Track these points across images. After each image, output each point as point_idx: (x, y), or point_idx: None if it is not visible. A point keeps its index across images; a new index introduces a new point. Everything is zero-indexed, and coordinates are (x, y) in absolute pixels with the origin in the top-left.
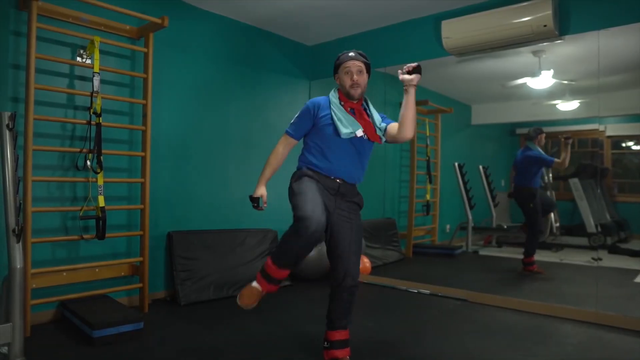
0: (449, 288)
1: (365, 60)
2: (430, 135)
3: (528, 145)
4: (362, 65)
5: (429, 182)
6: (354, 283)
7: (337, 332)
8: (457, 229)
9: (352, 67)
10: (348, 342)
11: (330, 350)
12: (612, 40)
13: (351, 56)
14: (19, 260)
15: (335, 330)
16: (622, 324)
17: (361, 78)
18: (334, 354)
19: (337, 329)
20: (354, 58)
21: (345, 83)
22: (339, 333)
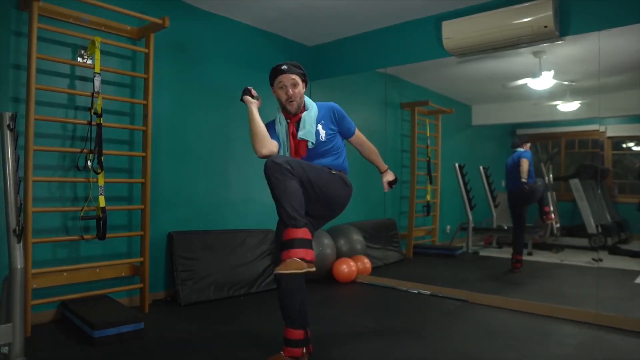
0: (450, 289)
1: (299, 71)
2: (430, 135)
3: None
4: (295, 78)
5: (430, 183)
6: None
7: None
8: (458, 230)
9: (285, 81)
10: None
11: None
12: (612, 40)
13: (283, 69)
14: (19, 261)
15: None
16: (623, 324)
17: (296, 91)
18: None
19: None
20: (286, 71)
21: (280, 97)
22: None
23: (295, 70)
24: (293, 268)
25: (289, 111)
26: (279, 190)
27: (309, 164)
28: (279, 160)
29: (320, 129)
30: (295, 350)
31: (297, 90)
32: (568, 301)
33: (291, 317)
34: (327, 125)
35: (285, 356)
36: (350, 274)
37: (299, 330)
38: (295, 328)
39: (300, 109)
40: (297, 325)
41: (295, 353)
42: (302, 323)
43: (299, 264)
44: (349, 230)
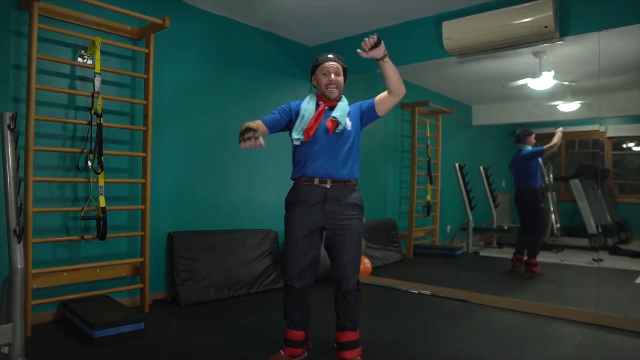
0: (450, 289)
1: (343, 64)
2: (430, 136)
3: (519, 147)
4: (339, 67)
5: (430, 183)
6: (350, 288)
7: (344, 334)
8: (458, 230)
9: (330, 68)
10: (358, 342)
11: (340, 352)
12: (613, 41)
13: (330, 57)
14: (19, 261)
15: (343, 331)
16: (623, 325)
17: (339, 79)
18: (342, 355)
19: (345, 330)
20: (332, 59)
21: (321, 82)
22: (346, 335)
23: (340, 62)
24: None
25: (327, 97)
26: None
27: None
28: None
29: (347, 120)
30: (296, 350)
31: (340, 79)
32: (568, 301)
33: (295, 320)
34: (354, 119)
35: (285, 355)
36: None
37: (301, 332)
38: (297, 329)
39: (338, 98)
40: (300, 327)
41: (295, 353)
42: (304, 325)
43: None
44: None
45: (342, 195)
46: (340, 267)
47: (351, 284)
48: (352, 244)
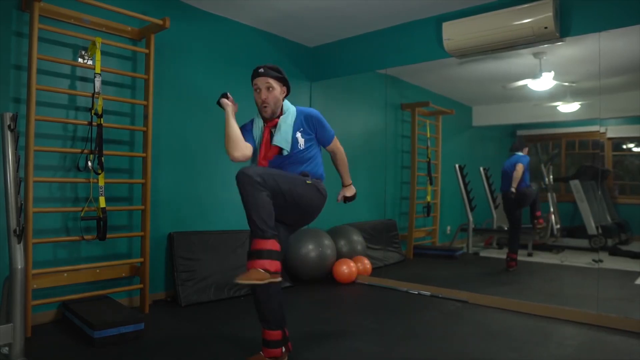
0: (450, 289)
1: (275, 74)
2: (431, 136)
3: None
4: (270, 81)
5: (430, 184)
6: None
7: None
8: (458, 231)
9: (260, 84)
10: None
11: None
12: (613, 42)
13: (260, 71)
14: (20, 261)
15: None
16: (623, 325)
17: (270, 95)
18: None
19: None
20: (262, 74)
21: (256, 102)
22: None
23: (272, 74)
24: (254, 279)
25: (263, 116)
26: (248, 202)
27: (281, 174)
28: (249, 172)
29: (299, 136)
30: (275, 350)
31: (272, 94)
32: (568, 302)
33: (269, 319)
34: (306, 133)
35: (265, 357)
36: (350, 275)
37: (277, 331)
38: (273, 329)
39: (277, 113)
40: (275, 326)
41: (274, 353)
42: (279, 324)
43: (261, 274)
44: (349, 231)
45: None
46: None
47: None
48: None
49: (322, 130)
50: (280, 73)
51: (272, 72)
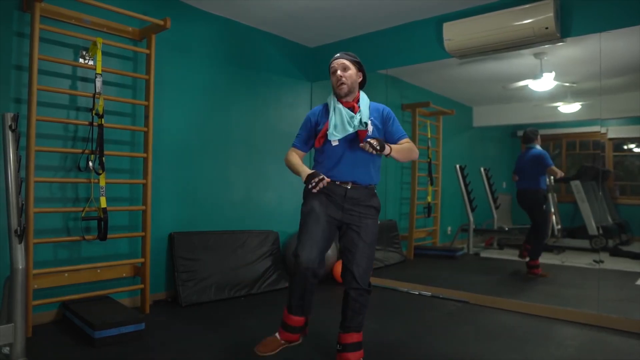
0: (450, 290)
1: (351, 58)
2: (431, 137)
3: (530, 146)
4: (346, 62)
5: (430, 184)
6: (359, 286)
7: (348, 335)
8: (459, 231)
9: (336, 66)
10: (361, 344)
11: (342, 353)
12: (613, 42)
13: (336, 56)
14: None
15: (347, 332)
16: (624, 326)
17: (346, 74)
18: (345, 356)
19: (348, 331)
20: (338, 57)
21: (333, 84)
22: (350, 336)
23: (347, 57)
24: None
25: (338, 94)
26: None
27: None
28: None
29: (370, 123)
30: (292, 335)
31: (348, 73)
32: (569, 303)
33: (295, 305)
34: (374, 123)
35: (281, 339)
36: None
37: (300, 317)
38: (298, 315)
39: (353, 96)
40: (300, 312)
41: (291, 338)
42: (305, 312)
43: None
44: None
45: (360, 197)
46: (353, 263)
47: (362, 282)
48: (367, 242)
49: (393, 125)
50: (356, 58)
51: (347, 56)
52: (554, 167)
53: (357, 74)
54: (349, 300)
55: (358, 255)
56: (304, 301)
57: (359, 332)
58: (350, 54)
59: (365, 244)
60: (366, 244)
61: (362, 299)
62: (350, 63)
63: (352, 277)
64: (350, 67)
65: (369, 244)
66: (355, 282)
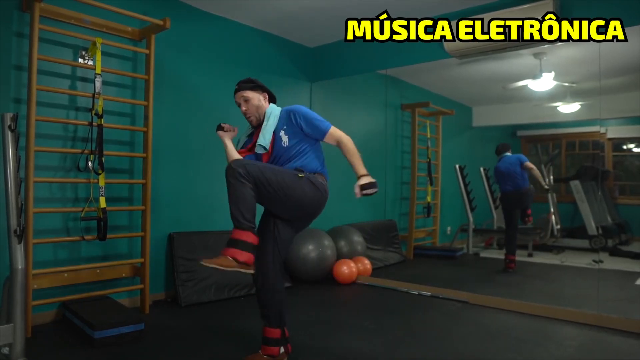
0: (450, 290)
1: (248, 86)
2: (431, 137)
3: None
4: (244, 94)
5: (430, 184)
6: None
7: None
8: (458, 231)
9: (238, 99)
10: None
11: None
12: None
13: (236, 89)
14: (20, 261)
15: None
16: (624, 326)
17: (249, 105)
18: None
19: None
20: (237, 90)
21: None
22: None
23: (245, 86)
24: (219, 264)
25: (252, 126)
26: (229, 193)
27: (269, 166)
28: (236, 164)
29: (283, 134)
30: (273, 349)
31: (251, 104)
32: (568, 303)
33: (269, 316)
34: (290, 130)
35: (263, 355)
36: (350, 275)
37: (277, 329)
38: (272, 327)
39: (261, 120)
40: (275, 324)
41: (272, 351)
42: (279, 322)
43: (228, 261)
44: (350, 232)
45: None
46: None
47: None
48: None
49: (307, 124)
50: (253, 82)
51: (245, 85)
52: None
53: (259, 98)
54: None
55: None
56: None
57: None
58: (246, 81)
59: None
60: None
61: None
62: (249, 92)
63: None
64: (249, 97)
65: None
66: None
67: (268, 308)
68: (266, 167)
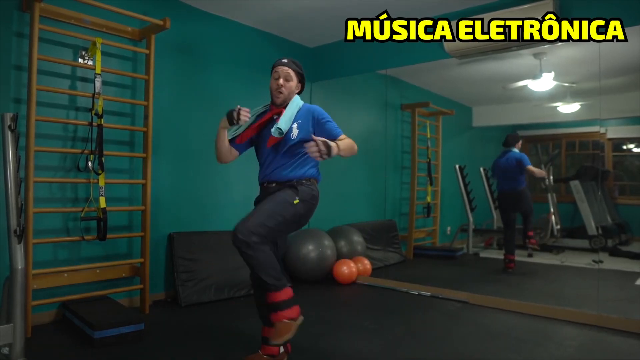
0: (450, 290)
1: (296, 69)
2: (431, 137)
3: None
4: (290, 72)
5: (430, 184)
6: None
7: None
8: (458, 231)
9: (280, 72)
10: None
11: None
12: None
13: (283, 61)
14: (20, 261)
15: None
16: (623, 326)
17: (287, 84)
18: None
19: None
20: (285, 64)
21: (271, 87)
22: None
23: (293, 66)
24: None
25: (274, 102)
26: (252, 264)
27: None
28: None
29: (295, 127)
30: (273, 349)
31: (289, 84)
32: (568, 303)
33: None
34: (303, 126)
35: (263, 355)
36: (350, 275)
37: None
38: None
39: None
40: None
41: (272, 351)
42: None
43: (289, 326)
44: (350, 232)
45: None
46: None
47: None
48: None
49: (325, 125)
50: (301, 69)
51: (294, 65)
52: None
53: (297, 85)
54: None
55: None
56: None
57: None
58: (296, 63)
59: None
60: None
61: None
62: (294, 74)
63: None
64: (293, 78)
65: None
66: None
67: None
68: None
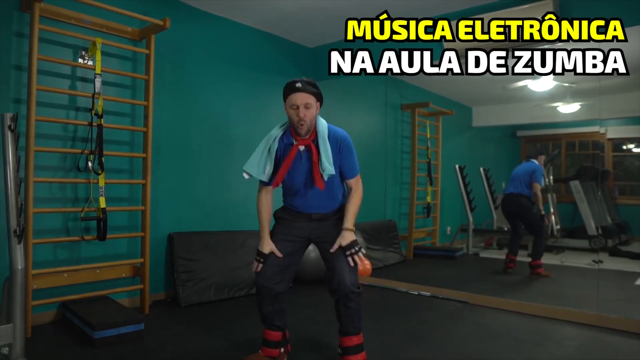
0: (450, 290)
1: (314, 90)
2: (431, 137)
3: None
4: (309, 100)
5: (430, 184)
6: (347, 290)
7: (348, 338)
8: (458, 231)
9: (298, 101)
10: (362, 346)
11: (344, 357)
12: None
13: (297, 87)
14: (20, 261)
15: (345, 336)
16: (623, 326)
17: (308, 113)
18: (347, 359)
19: (347, 335)
20: (300, 89)
21: (291, 118)
22: (349, 339)
23: (310, 89)
24: None
25: (298, 133)
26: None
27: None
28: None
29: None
30: (273, 350)
31: (310, 112)
32: (568, 303)
33: (270, 320)
34: (334, 158)
35: (263, 356)
36: None
37: (278, 332)
38: (274, 330)
39: (311, 131)
40: (276, 327)
41: (272, 353)
42: (280, 325)
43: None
44: None
45: (324, 218)
46: (336, 273)
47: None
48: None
49: (348, 159)
50: (317, 88)
51: (311, 88)
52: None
53: (318, 107)
54: (340, 307)
55: (337, 264)
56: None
57: (358, 335)
58: (311, 83)
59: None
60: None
61: (353, 303)
62: (313, 99)
63: (338, 285)
64: (312, 104)
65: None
66: (341, 289)
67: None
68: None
